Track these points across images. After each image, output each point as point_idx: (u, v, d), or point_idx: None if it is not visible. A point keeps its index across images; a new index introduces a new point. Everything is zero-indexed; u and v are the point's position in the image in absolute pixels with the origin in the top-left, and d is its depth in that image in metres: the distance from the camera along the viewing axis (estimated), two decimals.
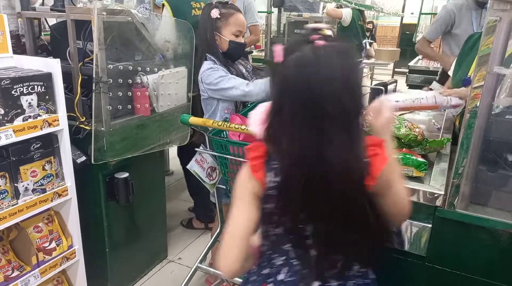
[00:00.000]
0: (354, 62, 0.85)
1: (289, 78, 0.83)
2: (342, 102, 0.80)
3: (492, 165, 1.14)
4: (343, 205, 0.84)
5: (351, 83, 0.82)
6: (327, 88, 0.80)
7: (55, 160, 1.56)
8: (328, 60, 0.81)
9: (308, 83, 0.81)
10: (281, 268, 0.95)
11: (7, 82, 1.34)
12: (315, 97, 0.80)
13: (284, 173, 0.87)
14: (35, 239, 1.59)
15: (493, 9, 0.98)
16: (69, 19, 1.63)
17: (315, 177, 0.83)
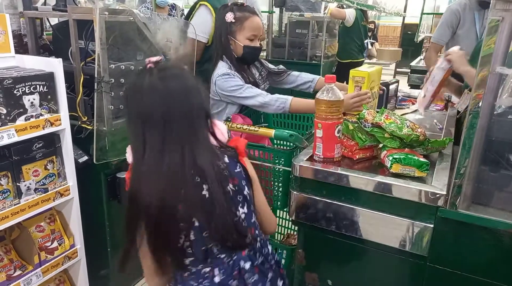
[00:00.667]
0: (185, 73, 1.01)
1: (130, 97, 1.00)
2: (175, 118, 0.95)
3: (494, 165, 1.14)
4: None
5: (190, 86, 0.98)
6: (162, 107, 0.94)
7: (57, 160, 1.56)
8: (158, 84, 0.95)
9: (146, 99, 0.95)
10: (212, 273, 1.03)
11: (9, 81, 1.34)
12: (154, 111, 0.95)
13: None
14: (37, 238, 1.60)
15: (495, 9, 0.98)
16: (71, 18, 1.63)
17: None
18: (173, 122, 0.95)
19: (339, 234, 1.29)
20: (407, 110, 2.08)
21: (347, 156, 1.37)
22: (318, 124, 1.28)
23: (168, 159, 0.95)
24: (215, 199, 0.97)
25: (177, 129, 0.95)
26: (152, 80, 0.95)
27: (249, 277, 1.05)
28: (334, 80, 1.29)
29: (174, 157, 0.95)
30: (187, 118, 0.96)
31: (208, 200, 0.97)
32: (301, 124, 1.98)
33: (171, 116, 0.95)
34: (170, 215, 0.95)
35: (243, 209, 1.04)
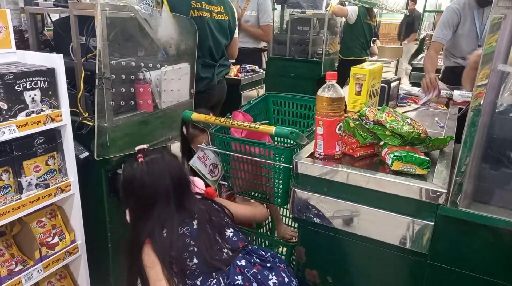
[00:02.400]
0: (168, 162, 1.37)
1: (124, 185, 1.37)
2: (166, 191, 1.33)
3: (495, 163, 1.14)
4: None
5: (169, 176, 1.34)
6: (152, 184, 1.32)
7: (58, 156, 1.57)
8: (148, 168, 1.33)
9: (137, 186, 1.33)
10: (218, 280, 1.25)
11: (10, 77, 1.34)
12: (143, 193, 1.33)
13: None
14: (38, 233, 1.60)
15: (498, 7, 0.98)
16: (72, 14, 1.62)
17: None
18: (164, 203, 1.33)
19: (340, 231, 1.29)
20: (408, 108, 2.08)
21: (347, 154, 1.37)
22: (319, 121, 1.28)
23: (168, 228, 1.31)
24: (203, 230, 1.32)
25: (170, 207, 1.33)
26: (139, 171, 1.33)
27: (248, 271, 1.26)
28: (335, 77, 1.29)
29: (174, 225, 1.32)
30: (175, 192, 1.35)
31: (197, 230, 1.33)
32: (301, 121, 1.98)
33: (162, 199, 1.32)
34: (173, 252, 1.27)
35: (229, 230, 1.39)
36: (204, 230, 1.32)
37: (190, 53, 2.14)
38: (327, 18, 4.46)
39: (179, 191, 1.36)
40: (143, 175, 1.31)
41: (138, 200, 1.33)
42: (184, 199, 1.37)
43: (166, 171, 1.34)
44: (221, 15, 2.40)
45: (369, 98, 1.71)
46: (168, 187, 1.32)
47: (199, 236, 1.30)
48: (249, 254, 1.32)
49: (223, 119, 1.50)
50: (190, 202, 1.38)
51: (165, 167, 1.34)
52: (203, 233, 1.31)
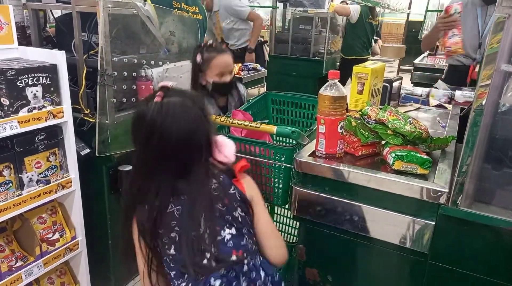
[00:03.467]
0: (189, 112, 1.08)
1: (134, 125, 1.11)
2: (175, 143, 1.05)
3: (497, 163, 1.13)
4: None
5: (185, 129, 1.06)
6: (162, 133, 1.05)
7: (59, 152, 1.57)
8: (162, 112, 1.05)
9: (146, 129, 1.06)
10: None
11: (12, 73, 1.34)
12: (151, 140, 1.06)
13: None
14: (39, 230, 1.60)
15: (502, 6, 0.97)
16: (75, 11, 1.62)
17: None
18: (171, 155, 1.07)
19: (340, 230, 1.29)
20: (410, 107, 2.08)
21: (349, 153, 1.37)
22: (321, 120, 1.28)
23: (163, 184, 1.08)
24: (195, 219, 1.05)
25: (177, 161, 1.08)
26: (154, 115, 1.05)
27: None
28: (337, 75, 1.28)
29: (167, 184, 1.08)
30: (185, 152, 1.08)
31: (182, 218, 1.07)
32: (301, 121, 1.98)
33: (169, 150, 1.06)
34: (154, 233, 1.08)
35: (230, 230, 1.07)
36: (196, 220, 1.05)
37: (192, 50, 2.13)
38: (329, 17, 4.45)
39: (190, 153, 1.08)
40: (153, 118, 1.04)
41: (142, 148, 1.10)
42: (194, 166, 1.08)
43: (181, 122, 1.06)
44: (196, 15, 2.47)
45: (371, 97, 1.71)
46: (177, 144, 1.06)
47: (186, 227, 1.05)
48: (236, 274, 1.04)
49: (223, 118, 1.50)
50: (199, 173, 1.08)
51: (181, 117, 1.06)
52: (192, 223, 1.05)
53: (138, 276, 2.15)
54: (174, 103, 1.07)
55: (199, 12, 2.52)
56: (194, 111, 1.08)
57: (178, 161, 1.08)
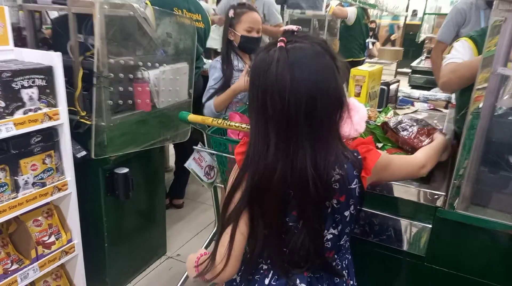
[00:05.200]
0: (320, 61, 0.83)
1: (251, 79, 0.86)
2: (305, 104, 0.80)
3: (493, 166, 1.13)
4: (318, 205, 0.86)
5: (317, 83, 0.81)
6: (290, 89, 0.80)
7: (55, 154, 1.56)
8: (289, 60, 0.80)
9: (267, 84, 0.81)
10: (267, 273, 0.96)
11: (8, 74, 1.33)
12: (275, 99, 0.81)
13: (258, 174, 0.85)
14: (35, 232, 1.59)
15: (498, 9, 0.98)
16: (71, 12, 1.62)
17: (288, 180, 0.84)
18: (296, 120, 0.81)
19: None
20: (408, 110, 2.08)
21: None
22: None
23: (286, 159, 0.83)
24: (306, 215, 0.87)
25: (301, 129, 0.82)
26: (279, 66, 0.81)
27: None
28: None
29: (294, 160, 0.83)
30: (314, 116, 0.82)
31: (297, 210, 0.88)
32: None
33: (296, 112, 0.81)
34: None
35: (334, 230, 0.92)
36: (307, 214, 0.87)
37: (188, 52, 2.13)
38: (327, 19, 4.46)
39: (320, 119, 0.82)
40: (278, 69, 0.80)
41: (259, 102, 0.84)
42: (323, 137, 0.84)
43: (313, 73, 0.81)
44: (198, 23, 2.52)
45: (368, 100, 1.71)
46: (307, 102, 0.80)
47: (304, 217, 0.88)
48: (319, 277, 0.95)
49: (220, 121, 1.49)
50: (330, 148, 0.84)
51: (313, 67, 0.82)
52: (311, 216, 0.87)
53: (133, 279, 2.15)
54: (302, 49, 0.82)
55: (202, 20, 2.56)
56: (326, 61, 0.83)
57: (307, 127, 0.82)
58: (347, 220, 0.92)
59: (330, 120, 0.84)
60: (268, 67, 0.81)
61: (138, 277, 2.17)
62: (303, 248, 0.89)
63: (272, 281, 0.94)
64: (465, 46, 1.48)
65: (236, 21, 1.97)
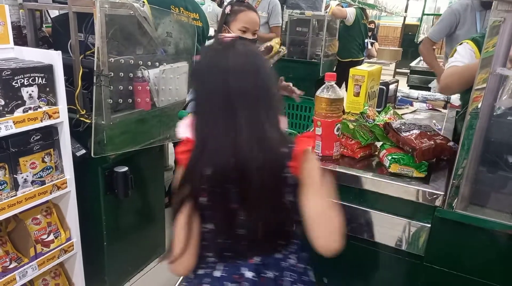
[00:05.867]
0: (262, 57, 0.96)
1: (195, 73, 0.96)
2: (248, 93, 0.89)
3: (492, 166, 1.14)
4: (264, 190, 0.91)
5: (258, 76, 0.91)
6: (235, 81, 0.88)
7: (54, 153, 1.56)
8: (233, 55, 0.90)
9: (213, 76, 0.91)
10: (216, 265, 0.99)
11: (8, 73, 1.33)
12: (219, 90, 0.90)
13: (200, 165, 0.91)
14: (33, 231, 1.59)
15: (497, 10, 0.98)
16: (71, 11, 1.62)
17: (232, 167, 0.89)
18: (239, 105, 0.89)
19: None
20: (406, 110, 2.09)
21: (347, 156, 1.37)
22: (318, 122, 1.28)
23: (235, 134, 0.88)
24: (250, 198, 0.91)
25: (250, 111, 0.89)
26: (229, 59, 0.90)
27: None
28: (334, 78, 1.28)
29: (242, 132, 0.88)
30: (263, 98, 0.91)
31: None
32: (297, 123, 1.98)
33: (239, 98, 0.89)
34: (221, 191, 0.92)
35: (275, 216, 0.96)
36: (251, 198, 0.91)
37: (188, 51, 2.13)
38: (327, 20, 4.47)
39: (259, 105, 0.91)
40: (218, 55, 0.92)
41: (203, 93, 0.94)
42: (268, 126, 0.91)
43: (257, 63, 0.93)
44: (196, 21, 2.52)
45: (367, 100, 1.71)
46: (246, 88, 0.89)
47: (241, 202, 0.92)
48: (266, 264, 0.98)
49: None
50: (273, 135, 0.91)
51: (251, 59, 0.93)
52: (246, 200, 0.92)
53: (132, 278, 2.15)
54: (242, 45, 0.93)
55: (200, 19, 2.56)
56: (265, 61, 0.97)
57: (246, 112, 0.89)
58: (289, 208, 0.96)
59: (276, 105, 0.95)
60: (210, 56, 0.93)
61: (137, 275, 2.17)
62: (250, 234, 0.94)
63: (223, 273, 0.97)
64: (466, 49, 1.50)
65: (231, 19, 1.84)
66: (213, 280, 0.98)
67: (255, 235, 0.94)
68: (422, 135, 1.27)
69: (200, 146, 0.91)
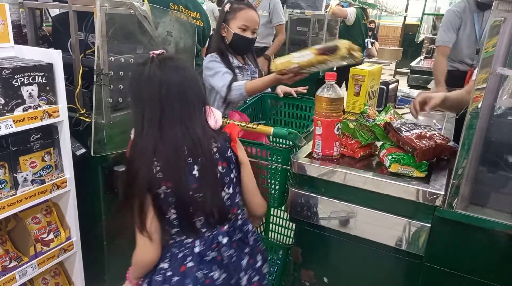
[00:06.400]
0: (186, 66, 1.16)
1: (130, 86, 1.15)
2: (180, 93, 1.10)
3: (492, 166, 1.14)
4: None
5: (187, 79, 1.12)
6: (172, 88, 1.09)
7: (54, 152, 1.56)
8: (162, 66, 1.10)
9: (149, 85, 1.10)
10: (193, 243, 1.16)
11: (8, 71, 1.33)
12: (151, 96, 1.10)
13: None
14: (33, 230, 1.59)
15: (497, 10, 0.98)
16: (71, 10, 1.62)
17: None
18: (170, 105, 1.08)
19: (336, 231, 1.29)
20: (407, 110, 2.08)
21: (347, 155, 1.37)
22: (318, 121, 1.28)
23: (165, 135, 1.08)
24: (205, 179, 1.11)
25: (174, 111, 1.09)
26: (152, 68, 1.10)
27: (225, 251, 1.17)
28: (334, 77, 1.28)
29: (170, 133, 1.08)
30: (183, 102, 1.10)
31: (197, 179, 1.10)
32: (298, 122, 1.98)
33: (169, 99, 1.09)
34: (159, 190, 1.08)
35: (228, 190, 1.18)
36: (205, 178, 1.11)
37: (188, 51, 2.13)
38: (327, 19, 4.46)
39: (191, 102, 1.12)
40: (153, 70, 1.10)
41: (146, 102, 1.10)
42: (194, 122, 1.12)
43: (181, 72, 1.12)
44: (197, 20, 2.51)
45: (367, 99, 1.71)
46: (178, 92, 1.10)
47: (199, 183, 1.10)
48: (234, 228, 1.20)
49: None
50: (199, 133, 1.11)
51: (180, 68, 1.13)
52: (202, 181, 1.11)
53: None
54: (170, 59, 1.14)
55: (201, 19, 2.56)
56: (189, 67, 1.18)
57: (181, 109, 1.10)
58: (235, 181, 1.20)
59: (199, 105, 1.14)
60: (147, 71, 1.10)
61: None
62: (212, 209, 1.13)
63: (202, 247, 1.15)
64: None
65: (231, 17, 1.84)
66: (195, 256, 1.14)
67: (221, 207, 1.16)
68: (422, 135, 1.27)
69: (149, 142, 1.08)
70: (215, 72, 1.82)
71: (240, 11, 1.83)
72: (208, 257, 1.15)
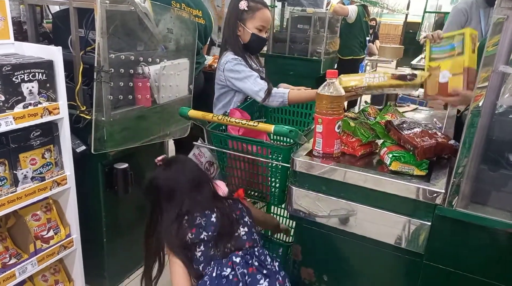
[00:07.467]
0: (189, 162, 1.49)
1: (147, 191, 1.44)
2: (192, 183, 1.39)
3: (493, 164, 1.13)
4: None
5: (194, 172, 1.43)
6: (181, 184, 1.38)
7: (54, 149, 1.56)
8: (165, 169, 1.41)
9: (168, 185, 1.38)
10: (209, 271, 1.30)
11: (8, 68, 1.33)
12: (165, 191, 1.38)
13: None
14: (33, 227, 1.59)
15: (500, 7, 0.97)
16: (72, 6, 1.61)
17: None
18: (182, 194, 1.36)
19: (336, 229, 1.29)
20: (407, 108, 2.08)
21: (348, 153, 1.36)
22: (319, 119, 1.28)
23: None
24: (222, 224, 1.35)
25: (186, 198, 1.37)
26: (160, 171, 1.40)
27: (240, 269, 1.28)
28: (336, 75, 1.28)
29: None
30: (192, 189, 1.38)
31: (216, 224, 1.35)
32: (298, 120, 1.98)
33: (180, 190, 1.37)
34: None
35: (244, 229, 1.38)
36: (221, 223, 1.36)
37: (189, 48, 2.13)
38: (328, 17, 4.45)
39: (198, 188, 1.41)
40: (162, 174, 1.40)
41: (159, 198, 1.39)
42: (203, 195, 1.41)
43: (183, 169, 1.42)
44: (198, 18, 2.50)
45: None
46: (187, 183, 1.39)
47: (215, 227, 1.35)
48: (250, 255, 1.33)
49: (220, 117, 1.49)
50: (209, 198, 1.41)
51: (181, 166, 1.43)
52: (218, 225, 1.36)
53: (132, 274, 2.16)
54: (172, 159, 1.46)
55: (203, 16, 2.55)
56: (191, 162, 1.51)
57: (191, 195, 1.38)
58: (248, 224, 1.40)
59: (204, 187, 1.42)
60: (155, 176, 1.41)
61: (137, 272, 2.17)
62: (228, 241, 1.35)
63: (218, 271, 1.29)
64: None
65: (248, 16, 1.77)
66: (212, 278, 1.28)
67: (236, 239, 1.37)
68: (423, 133, 1.26)
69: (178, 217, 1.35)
70: (245, 76, 1.75)
71: (258, 11, 1.78)
72: (225, 272, 1.28)
